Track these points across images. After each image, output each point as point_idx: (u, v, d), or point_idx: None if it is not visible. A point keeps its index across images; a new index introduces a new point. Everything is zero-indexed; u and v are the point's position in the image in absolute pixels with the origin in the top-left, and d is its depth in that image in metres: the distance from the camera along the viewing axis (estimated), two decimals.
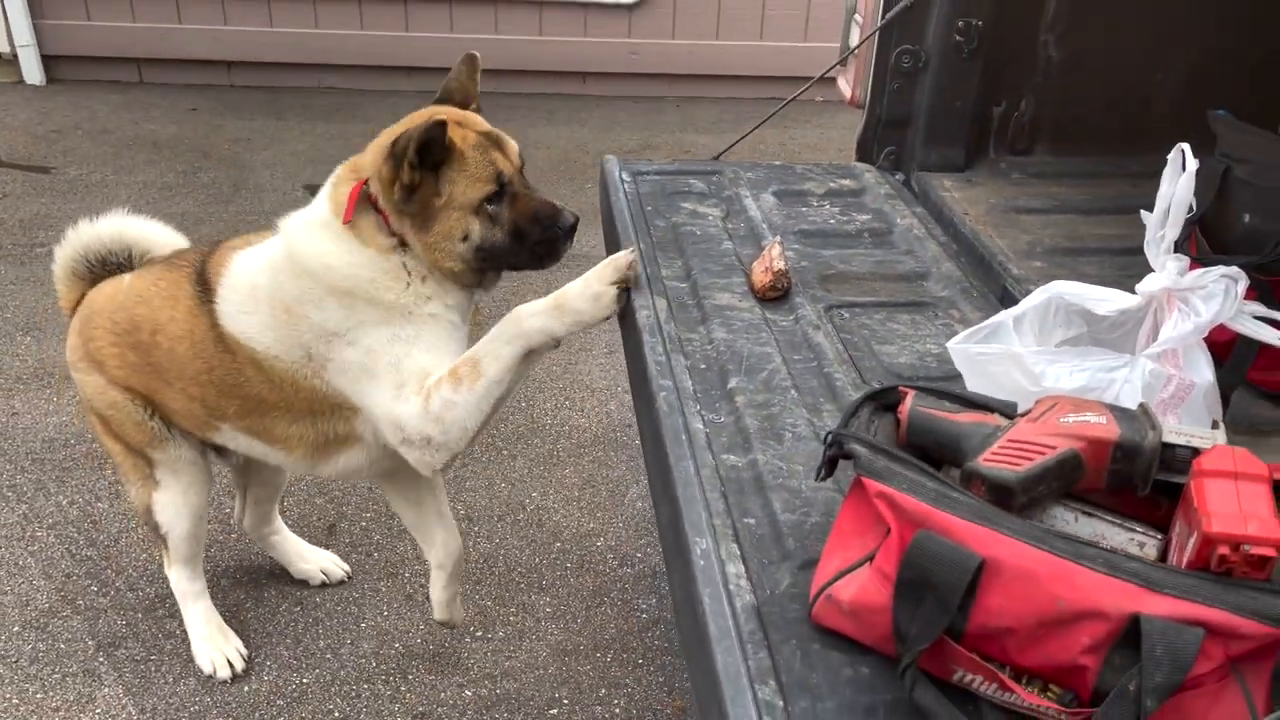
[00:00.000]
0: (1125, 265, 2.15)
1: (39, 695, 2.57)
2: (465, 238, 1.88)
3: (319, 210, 1.98)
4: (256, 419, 2.16)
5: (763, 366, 1.81)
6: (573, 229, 1.91)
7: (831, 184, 2.59)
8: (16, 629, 2.75)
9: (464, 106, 2.02)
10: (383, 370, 1.93)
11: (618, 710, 2.65)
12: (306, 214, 2.00)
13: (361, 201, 1.89)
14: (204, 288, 2.11)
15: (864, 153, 2.73)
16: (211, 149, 5.74)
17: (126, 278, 2.29)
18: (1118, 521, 1.26)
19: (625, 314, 1.93)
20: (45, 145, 5.68)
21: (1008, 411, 1.37)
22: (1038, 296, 1.66)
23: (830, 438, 1.32)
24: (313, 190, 2.06)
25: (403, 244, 1.91)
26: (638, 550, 3.16)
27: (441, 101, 2.03)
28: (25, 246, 4.65)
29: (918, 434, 1.32)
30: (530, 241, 1.91)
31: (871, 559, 1.24)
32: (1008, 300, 2.02)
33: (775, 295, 2.04)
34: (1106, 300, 1.64)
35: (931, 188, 2.57)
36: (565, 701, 2.66)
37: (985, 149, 2.74)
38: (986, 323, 1.65)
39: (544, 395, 3.83)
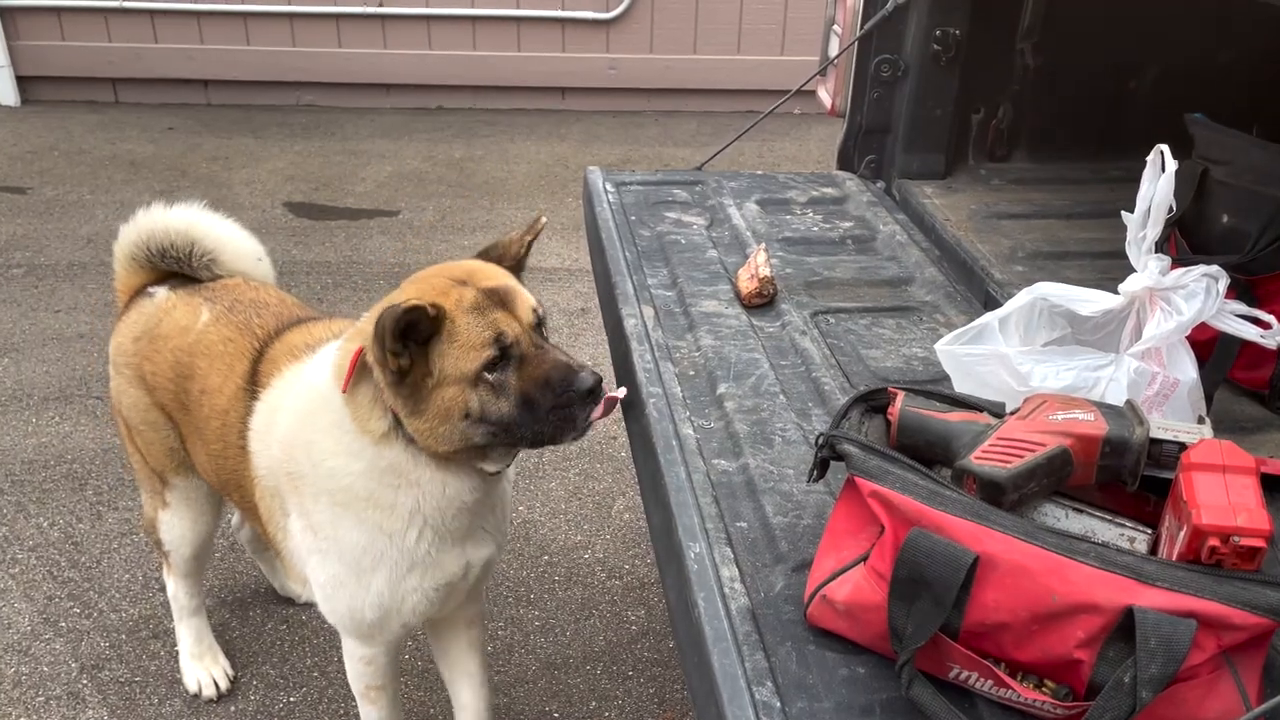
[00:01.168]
0: (1106, 269, 2.17)
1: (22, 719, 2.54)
2: (466, 415, 1.62)
3: (323, 373, 1.78)
4: (250, 513, 2.07)
5: (751, 372, 1.82)
6: (592, 391, 1.60)
7: (814, 192, 2.61)
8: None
9: (502, 263, 1.78)
10: (328, 587, 1.87)
11: None
12: (318, 372, 1.81)
13: (361, 368, 1.68)
14: (253, 380, 1.96)
15: (845, 161, 2.75)
16: (189, 168, 5.71)
17: (204, 314, 2.12)
18: (1108, 517, 1.27)
19: (612, 324, 1.94)
20: (21, 166, 5.64)
21: (996, 410, 1.38)
22: (1022, 298, 1.68)
23: (822, 439, 1.32)
24: (292, 208, 2.00)
25: (399, 422, 1.68)
26: (625, 562, 3.15)
27: (483, 255, 1.80)
28: (2, 268, 4.61)
29: (909, 434, 1.33)
30: (542, 410, 1.61)
31: (866, 558, 1.24)
32: (991, 304, 2.04)
33: (761, 302, 2.05)
34: (1090, 301, 1.66)
35: (912, 195, 2.59)
36: (555, 715, 2.65)
37: (965, 156, 2.77)
38: (972, 324, 1.66)
39: None
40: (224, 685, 2.60)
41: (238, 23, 6.46)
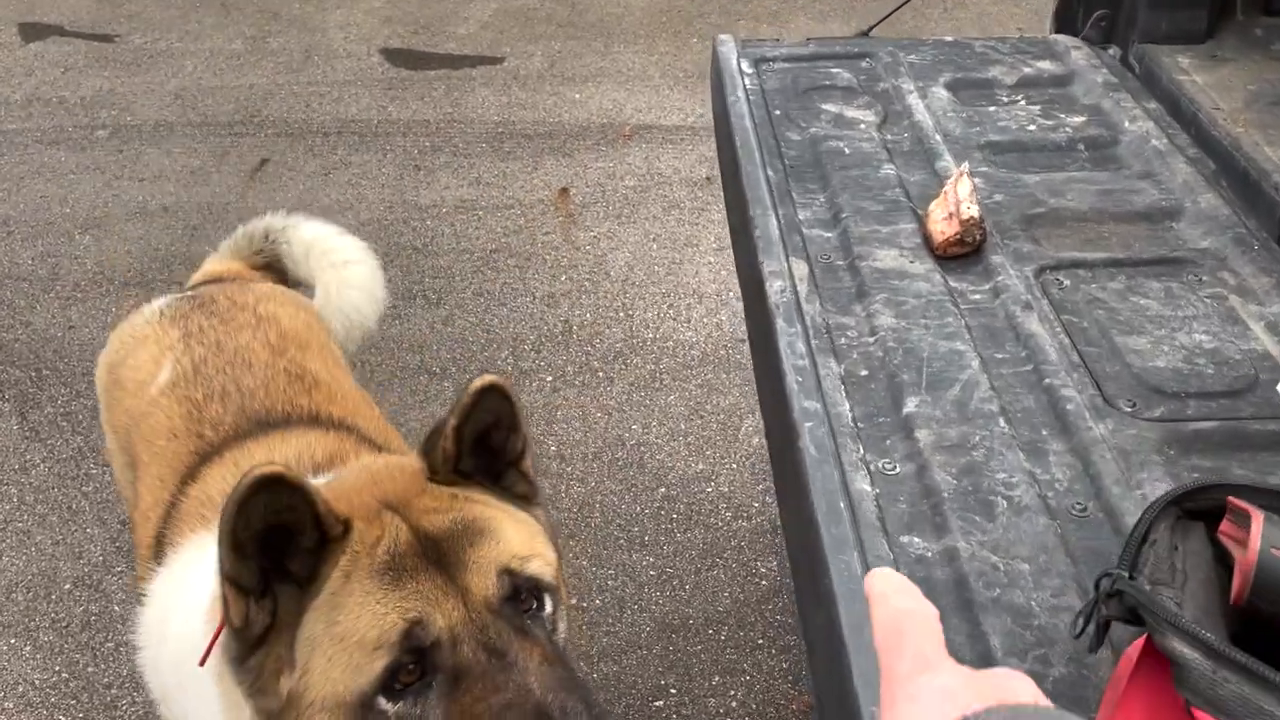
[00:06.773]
0: None
1: (90, 669, 2.35)
2: None
3: (201, 598, 1.10)
4: None
5: (953, 375, 1.25)
6: None
7: (1025, 68, 1.93)
8: (68, 587, 2.51)
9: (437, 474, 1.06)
10: None
11: (734, 704, 2.29)
12: (198, 591, 1.12)
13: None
14: (164, 526, 1.33)
15: (1066, 21, 2.05)
16: (281, 9, 5.29)
17: (165, 371, 1.52)
18: None
19: (750, 286, 1.39)
20: (110, 9, 5.32)
21: None
22: None
23: (1104, 585, 0.79)
24: (389, 56, 1.48)
25: None
26: (755, 499, 2.74)
27: (425, 454, 1.07)
28: (87, 129, 4.31)
29: (1272, 595, 0.78)
30: None
31: None
32: None
33: (962, 251, 1.45)
34: None
35: (1161, 68, 1.89)
36: (673, 691, 2.31)
37: (1233, 8, 2.02)
38: None
39: (645, 303, 3.34)
40: None
41: None
